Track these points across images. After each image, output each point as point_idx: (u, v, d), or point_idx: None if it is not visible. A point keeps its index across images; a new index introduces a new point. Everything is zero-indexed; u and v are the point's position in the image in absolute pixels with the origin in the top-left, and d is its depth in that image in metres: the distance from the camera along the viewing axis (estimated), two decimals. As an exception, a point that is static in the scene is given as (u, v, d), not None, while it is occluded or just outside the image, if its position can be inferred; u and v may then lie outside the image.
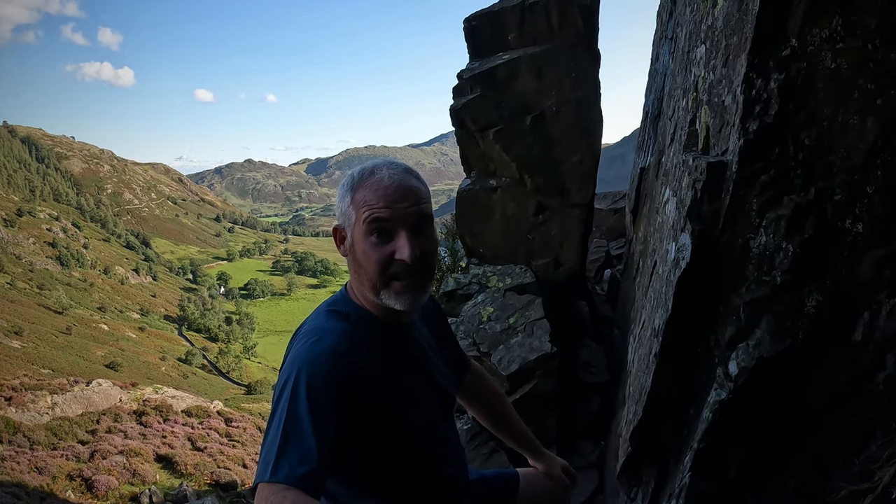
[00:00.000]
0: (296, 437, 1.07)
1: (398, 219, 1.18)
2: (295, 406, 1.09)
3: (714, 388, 1.52)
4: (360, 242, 1.20)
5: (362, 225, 1.19)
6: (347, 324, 1.24)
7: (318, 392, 1.10)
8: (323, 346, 1.16)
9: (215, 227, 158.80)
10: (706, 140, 1.62)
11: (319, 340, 1.18)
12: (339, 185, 1.29)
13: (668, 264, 1.68)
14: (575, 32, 3.55)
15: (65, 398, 18.11)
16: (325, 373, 1.12)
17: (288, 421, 1.08)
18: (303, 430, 1.07)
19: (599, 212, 6.98)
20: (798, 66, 1.32)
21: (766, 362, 1.46)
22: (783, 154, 1.37)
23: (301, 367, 1.13)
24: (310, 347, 1.17)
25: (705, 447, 1.56)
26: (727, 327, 1.53)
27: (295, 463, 1.04)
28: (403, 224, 1.19)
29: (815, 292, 1.43)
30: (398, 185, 1.20)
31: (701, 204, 1.48)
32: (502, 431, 1.77)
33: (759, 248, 1.43)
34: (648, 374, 1.76)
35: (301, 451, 1.05)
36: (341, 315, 1.26)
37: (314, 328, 1.23)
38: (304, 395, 1.09)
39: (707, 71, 1.64)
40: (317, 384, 1.11)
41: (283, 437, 1.07)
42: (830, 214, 1.37)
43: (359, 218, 1.20)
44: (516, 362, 3.19)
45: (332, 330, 1.21)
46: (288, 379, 1.13)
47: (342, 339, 1.19)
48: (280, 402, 1.12)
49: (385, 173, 1.21)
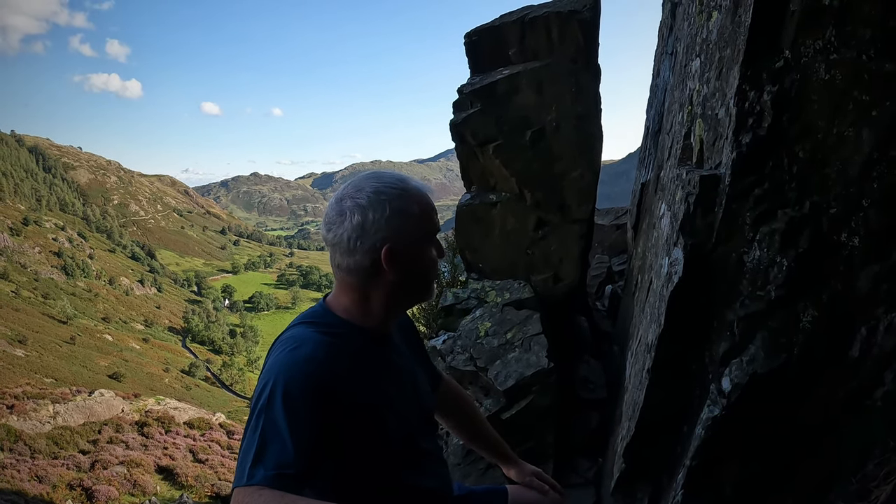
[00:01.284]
0: (272, 442, 1.06)
1: (437, 227, 1.30)
2: (271, 412, 1.08)
3: (707, 405, 1.49)
4: (423, 255, 1.27)
5: (424, 237, 1.26)
6: (326, 332, 1.23)
7: (294, 398, 1.10)
8: (301, 353, 1.16)
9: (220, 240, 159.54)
10: (700, 153, 1.60)
11: (297, 348, 1.17)
12: (370, 208, 1.21)
13: (661, 279, 1.66)
14: (575, 47, 3.55)
15: (67, 407, 18.07)
16: (303, 378, 1.12)
17: (264, 426, 1.08)
18: (279, 434, 1.06)
19: (602, 228, 6.96)
20: (792, 78, 1.30)
21: (760, 378, 1.43)
22: (777, 167, 1.35)
23: (278, 373, 1.13)
24: (287, 355, 1.16)
25: (698, 465, 1.52)
26: (721, 343, 1.50)
27: (270, 466, 1.03)
28: (437, 230, 1.30)
29: (811, 307, 1.40)
30: (432, 201, 1.30)
31: (694, 218, 1.46)
32: (476, 441, 1.78)
33: (753, 262, 1.41)
34: (641, 390, 1.72)
35: (277, 455, 1.05)
36: (320, 325, 1.26)
37: (292, 336, 1.23)
38: (280, 400, 1.09)
39: (701, 84, 1.63)
40: (294, 390, 1.10)
41: (260, 443, 1.06)
42: (826, 228, 1.35)
43: (424, 232, 1.26)
44: (513, 377, 3.15)
45: (311, 338, 1.20)
46: (265, 386, 1.13)
47: (320, 347, 1.18)
48: (257, 408, 1.11)
49: (414, 186, 1.28)
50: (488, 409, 3.20)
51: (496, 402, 3.20)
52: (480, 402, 3.25)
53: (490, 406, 3.21)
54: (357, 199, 1.21)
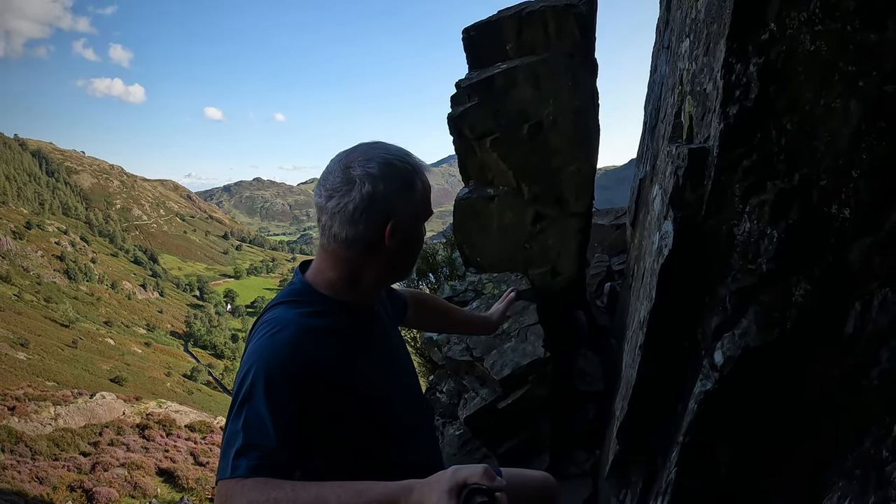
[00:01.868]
0: (255, 433, 1.04)
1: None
2: (253, 401, 1.06)
3: (700, 379, 1.49)
4: (421, 233, 1.28)
5: (424, 215, 1.26)
6: (309, 313, 1.20)
7: (276, 386, 1.07)
8: (282, 338, 1.12)
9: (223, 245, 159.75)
10: (690, 130, 1.61)
11: (278, 332, 1.14)
12: (381, 179, 1.17)
13: (652, 255, 1.66)
14: (572, 42, 3.57)
15: (68, 409, 18.10)
16: (284, 366, 1.09)
17: (247, 416, 1.06)
18: (262, 424, 1.05)
19: (602, 227, 6.97)
20: (777, 50, 1.31)
21: (753, 353, 1.42)
22: (765, 139, 1.36)
23: (259, 360, 1.10)
24: (268, 340, 1.13)
25: (691, 441, 1.52)
26: (713, 317, 1.50)
27: (254, 457, 1.02)
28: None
29: (804, 281, 1.40)
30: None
31: (683, 191, 1.47)
32: (453, 328, 2.06)
33: (744, 235, 1.41)
34: (634, 368, 1.73)
35: (260, 446, 1.03)
36: (302, 304, 1.22)
37: (272, 318, 1.19)
38: (262, 389, 1.06)
39: (690, 62, 1.64)
40: (275, 378, 1.08)
41: (244, 434, 1.04)
42: (816, 200, 1.35)
43: (425, 210, 1.25)
44: (509, 367, 3.15)
45: (292, 320, 1.17)
46: (247, 373, 1.10)
47: (302, 330, 1.15)
48: (239, 396, 1.09)
49: (419, 163, 1.26)
50: (484, 399, 3.20)
51: (492, 391, 3.20)
52: (477, 392, 3.26)
53: (486, 396, 3.22)
54: (368, 168, 1.16)
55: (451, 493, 0.88)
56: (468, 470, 0.90)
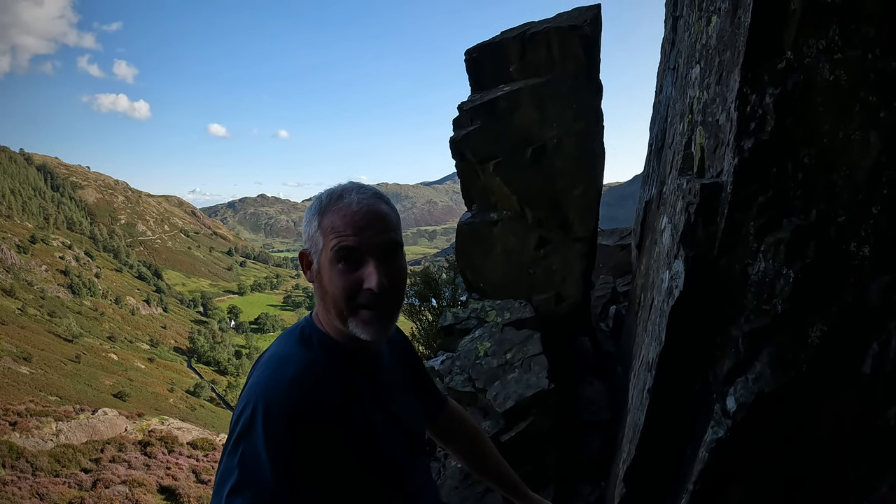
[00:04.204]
0: (251, 471, 1.01)
1: (366, 247, 1.12)
2: (251, 438, 1.03)
3: (711, 426, 1.40)
4: (327, 269, 1.14)
5: (329, 252, 1.13)
6: (311, 351, 1.17)
7: (275, 424, 1.04)
8: (283, 375, 1.10)
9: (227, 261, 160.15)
10: (701, 162, 1.54)
11: (280, 368, 1.11)
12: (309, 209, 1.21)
13: (661, 294, 1.58)
14: (576, 63, 3.53)
15: (70, 425, 17.98)
16: (285, 403, 1.06)
17: (244, 452, 1.03)
18: (259, 463, 1.01)
19: (606, 248, 6.89)
20: (794, 80, 1.24)
21: (767, 397, 1.34)
22: (781, 173, 1.28)
23: (259, 396, 1.07)
24: (270, 375, 1.10)
25: (701, 489, 1.42)
26: (725, 360, 1.42)
27: (249, 494, 0.99)
28: (371, 252, 1.13)
29: (819, 322, 1.31)
30: (367, 211, 1.14)
31: (695, 228, 1.39)
32: (483, 471, 1.66)
33: (758, 274, 1.33)
34: (642, 411, 1.63)
35: (256, 487, 1.00)
36: (305, 342, 1.20)
37: (276, 355, 1.17)
38: (260, 426, 1.03)
39: (701, 91, 1.58)
40: (275, 415, 1.04)
41: (239, 471, 1.01)
42: (834, 237, 1.27)
43: (326, 244, 1.14)
44: (512, 399, 3.05)
45: (294, 358, 1.14)
46: (245, 408, 1.07)
47: (304, 368, 1.12)
48: (236, 431, 1.06)
49: (354, 198, 1.15)
50: (487, 431, 3.09)
51: (495, 423, 3.10)
52: (479, 424, 3.16)
53: (489, 428, 3.11)
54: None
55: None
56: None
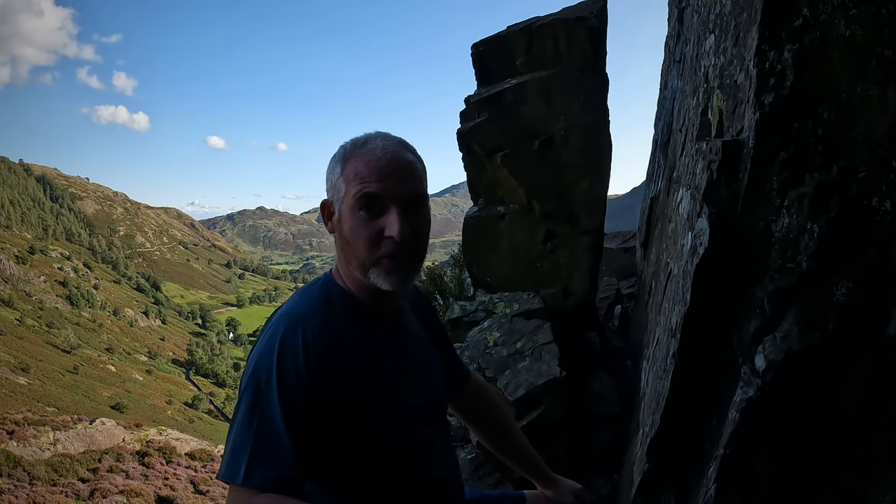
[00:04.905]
0: (268, 438, 1.00)
1: (389, 194, 1.11)
2: (267, 400, 1.02)
3: (740, 387, 1.39)
4: (349, 218, 1.13)
5: (351, 199, 1.12)
6: (328, 308, 1.15)
7: (290, 385, 1.02)
8: (297, 334, 1.07)
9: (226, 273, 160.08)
10: (719, 126, 1.55)
11: (294, 327, 1.09)
12: (333, 158, 1.21)
13: (683, 258, 1.59)
14: (582, 56, 3.56)
15: (67, 435, 17.87)
16: (299, 363, 1.04)
17: (260, 420, 1.01)
18: (275, 429, 1.00)
19: (609, 251, 6.90)
20: (811, 37, 1.26)
21: (795, 357, 1.33)
22: (802, 130, 1.30)
23: (273, 355, 1.05)
24: (284, 334, 1.08)
25: (732, 453, 1.41)
26: (751, 321, 1.42)
27: (269, 466, 0.98)
28: (395, 200, 1.11)
29: (845, 279, 1.32)
30: (391, 157, 1.13)
31: (717, 186, 1.40)
32: (506, 453, 1.64)
33: (782, 231, 1.34)
34: (666, 378, 1.63)
35: (275, 453, 0.99)
36: (323, 299, 1.17)
37: (290, 312, 1.14)
38: (275, 388, 1.02)
39: (716, 57, 1.60)
40: (289, 376, 1.03)
41: (256, 437, 1.00)
42: (855, 193, 1.28)
43: (348, 191, 1.13)
44: (523, 387, 3.04)
45: (309, 316, 1.12)
46: (258, 367, 1.06)
47: (319, 327, 1.10)
48: (249, 392, 1.04)
49: (378, 144, 1.14)
50: (498, 420, 3.08)
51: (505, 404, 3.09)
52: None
53: (500, 416, 3.10)
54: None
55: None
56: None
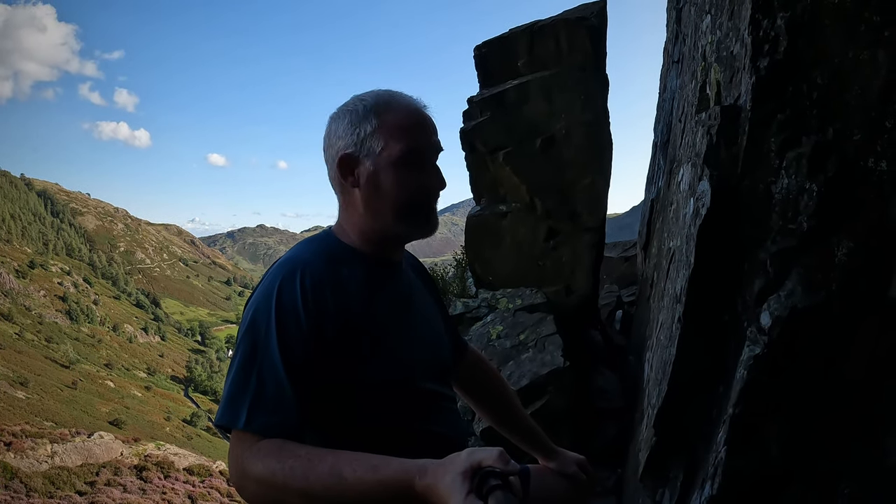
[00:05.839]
0: (269, 382, 0.99)
1: (431, 148, 1.17)
2: (266, 346, 1.02)
3: (747, 345, 1.42)
4: (391, 171, 1.13)
5: (396, 153, 1.12)
6: (329, 257, 1.15)
7: (290, 331, 1.02)
8: (296, 280, 1.07)
9: (226, 291, 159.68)
10: (717, 96, 1.62)
11: (293, 273, 1.08)
12: (351, 112, 1.16)
13: (686, 225, 1.63)
14: (583, 55, 3.66)
15: (65, 448, 17.76)
16: (298, 309, 1.04)
17: (260, 363, 1.01)
18: (276, 373, 1.00)
19: (610, 260, 6.94)
20: (803, 4, 1.32)
21: (800, 315, 1.35)
22: (797, 93, 1.35)
23: (272, 298, 1.04)
24: (283, 279, 1.07)
25: (741, 413, 1.43)
26: (755, 282, 1.45)
27: (271, 411, 0.98)
28: (434, 153, 1.18)
29: (846, 240, 1.35)
30: (424, 114, 1.18)
31: (717, 149, 1.45)
32: (507, 426, 1.59)
33: (782, 192, 1.38)
34: (672, 345, 1.66)
35: (276, 399, 0.99)
36: (324, 249, 1.17)
37: (290, 258, 1.13)
38: (275, 333, 1.02)
39: (713, 34, 1.66)
40: (289, 322, 1.03)
41: (257, 382, 1.00)
42: (851, 155, 1.33)
43: (389, 145, 1.12)
44: (527, 377, 3.07)
45: (309, 262, 1.11)
46: (258, 310, 1.05)
47: (319, 273, 1.09)
48: (248, 338, 1.04)
49: (409, 100, 1.18)
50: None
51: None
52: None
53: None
54: (342, 107, 1.19)
55: (465, 476, 0.81)
56: (483, 453, 0.84)
